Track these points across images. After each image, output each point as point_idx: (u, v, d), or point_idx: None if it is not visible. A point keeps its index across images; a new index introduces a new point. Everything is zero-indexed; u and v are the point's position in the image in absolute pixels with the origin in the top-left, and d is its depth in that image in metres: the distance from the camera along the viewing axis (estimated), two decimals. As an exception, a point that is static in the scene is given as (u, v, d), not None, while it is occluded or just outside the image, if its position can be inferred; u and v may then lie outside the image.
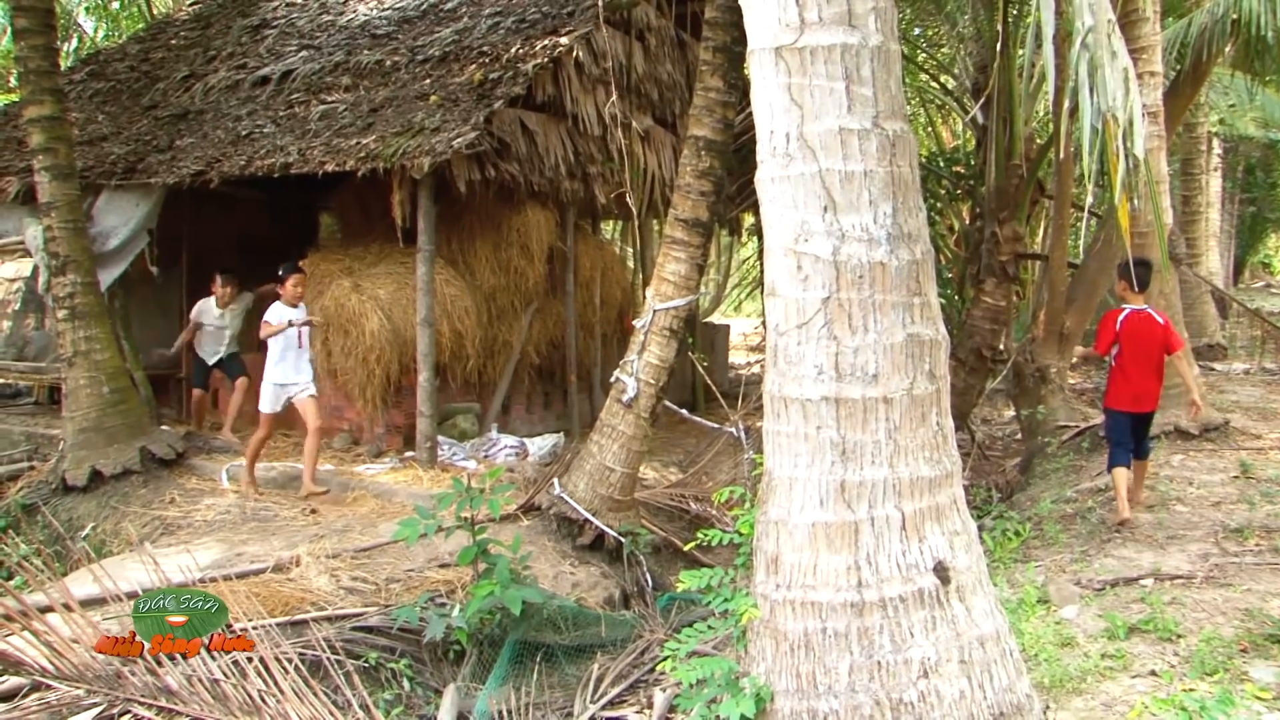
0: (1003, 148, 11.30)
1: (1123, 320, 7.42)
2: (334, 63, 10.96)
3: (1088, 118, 3.30)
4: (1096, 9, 3.26)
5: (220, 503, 8.59)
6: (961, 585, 3.17)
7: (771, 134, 3.20)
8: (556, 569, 7.50)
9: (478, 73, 9.46)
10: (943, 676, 3.08)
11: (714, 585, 3.64)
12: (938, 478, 3.19)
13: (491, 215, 10.22)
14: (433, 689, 5.77)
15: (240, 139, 10.03)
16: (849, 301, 3.08)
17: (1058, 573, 6.64)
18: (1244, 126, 19.87)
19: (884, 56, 3.15)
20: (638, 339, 7.56)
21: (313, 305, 9.78)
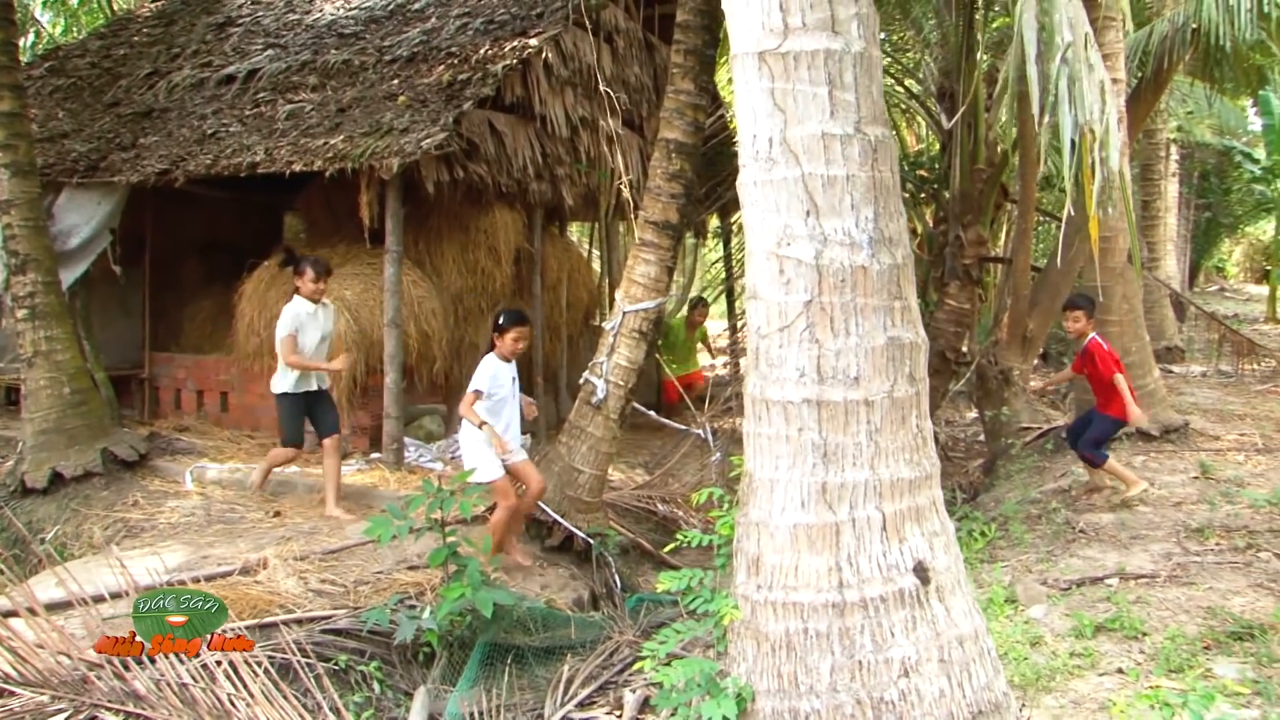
0: (967, 152, 11.41)
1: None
2: (300, 62, 10.89)
3: (1067, 131, 3.35)
4: (1075, 24, 3.31)
5: (185, 505, 8.51)
6: (941, 585, 3.21)
7: (754, 138, 3.22)
8: (526, 571, 7.50)
9: (446, 74, 9.44)
10: (923, 675, 3.11)
11: (693, 586, 3.66)
12: (918, 479, 3.22)
13: (459, 216, 10.20)
14: (403, 691, 5.74)
15: (206, 138, 9.95)
16: (831, 305, 3.11)
17: (1024, 573, 6.71)
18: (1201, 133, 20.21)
19: (866, 62, 3.19)
20: (607, 341, 7.58)
21: (279, 305, 9.71)
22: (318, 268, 7.96)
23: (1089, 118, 3.30)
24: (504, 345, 7.01)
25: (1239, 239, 35.58)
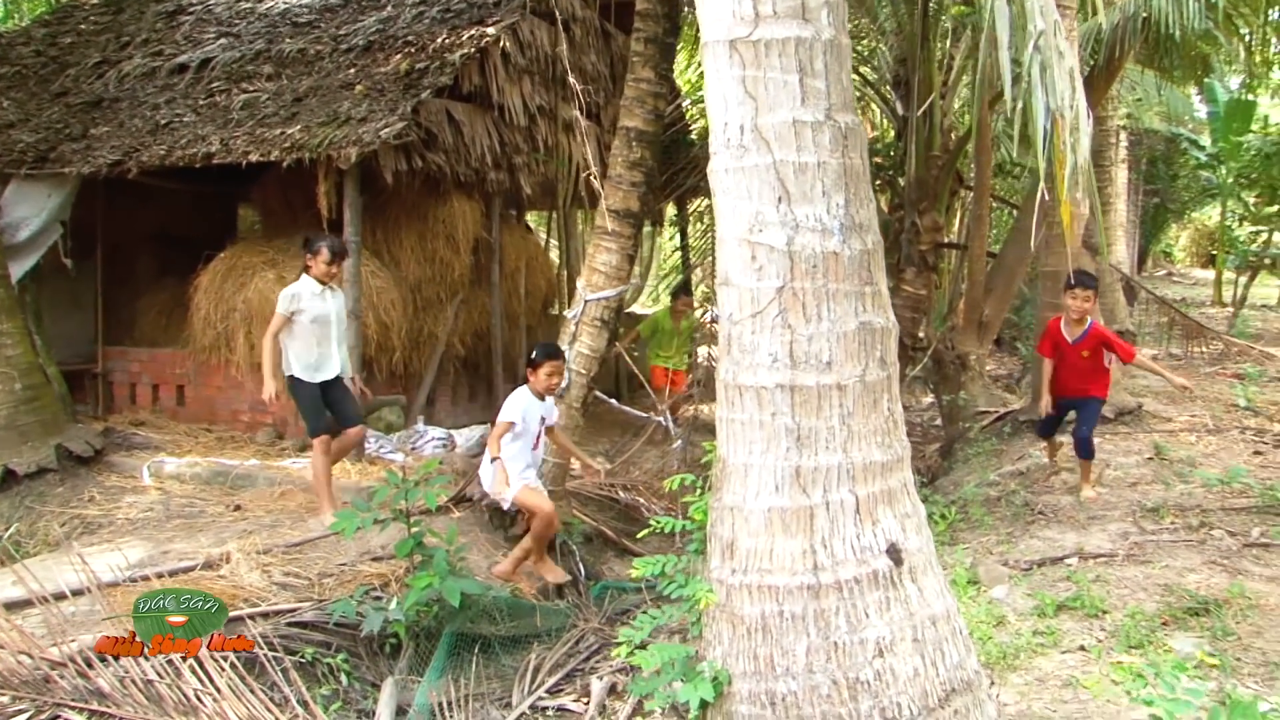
0: (922, 139, 11.51)
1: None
2: (255, 51, 10.76)
3: (1040, 117, 3.40)
4: (1045, 11, 3.35)
5: (143, 500, 8.40)
6: (913, 566, 3.25)
7: (725, 125, 3.24)
8: (490, 560, 7.49)
9: (404, 63, 9.38)
10: (897, 655, 3.16)
11: (667, 572, 3.68)
12: (889, 462, 3.26)
13: (417, 206, 10.15)
14: (370, 683, 5.73)
15: (159, 128, 9.81)
16: (803, 291, 3.14)
17: (985, 554, 6.81)
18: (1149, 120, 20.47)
19: (836, 50, 3.21)
20: (569, 329, 7.58)
21: (235, 298, 9.62)
22: (334, 248, 7.53)
23: (1060, 103, 3.35)
24: (537, 381, 6.70)
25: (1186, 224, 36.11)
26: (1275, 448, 9.19)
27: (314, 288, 7.49)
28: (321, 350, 7.57)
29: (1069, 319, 7.73)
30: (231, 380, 10.00)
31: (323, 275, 7.49)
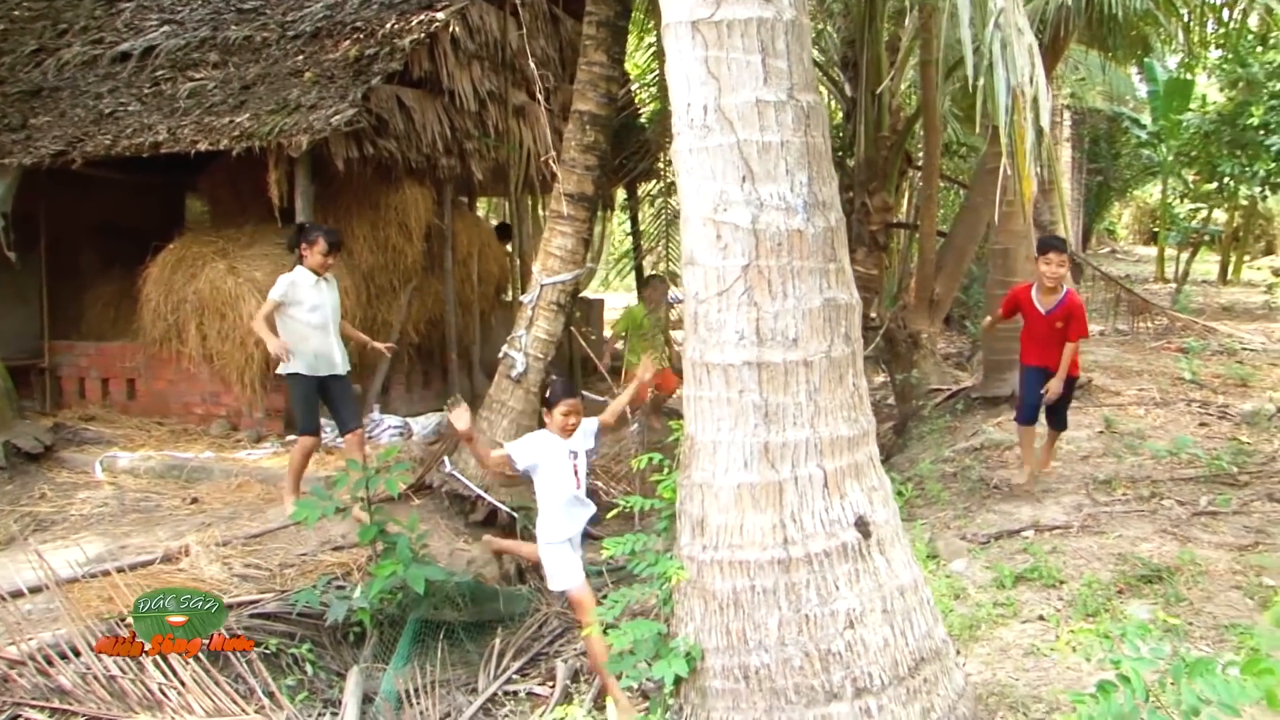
0: (871, 120, 11.60)
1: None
2: (199, 38, 10.60)
3: (1002, 94, 3.45)
4: None
5: (96, 495, 8.30)
6: (881, 538, 3.30)
7: (689, 106, 3.25)
8: (451, 546, 7.49)
9: (353, 49, 9.30)
10: (867, 626, 3.21)
11: (637, 551, 3.71)
12: (856, 436, 3.31)
13: (369, 193, 10.07)
14: (335, 672, 5.73)
15: (103, 117, 9.64)
16: (768, 268, 3.17)
17: (943, 529, 6.91)
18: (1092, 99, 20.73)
19: (797, 30, 3.24)
20: (525, 314, 7.59)
21: (185, 289, 9.50)
22: (330, 239, 7.30)
23: (1020, 79, 3.40)
24: (553, 422, 5.39)
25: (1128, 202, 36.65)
26: (1220, 419, 9.39)
27: (309, 278, 7.25)
28: (320, 343, 7.30)
29: (1042, 287, 7.17)
30: (184, 372, 9.87)
31: (319, 266, 7.25)
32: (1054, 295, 7.13)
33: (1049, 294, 7.17)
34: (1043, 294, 7.20)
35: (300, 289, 7.20)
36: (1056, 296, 7.11)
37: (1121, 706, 2.49)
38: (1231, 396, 10.35)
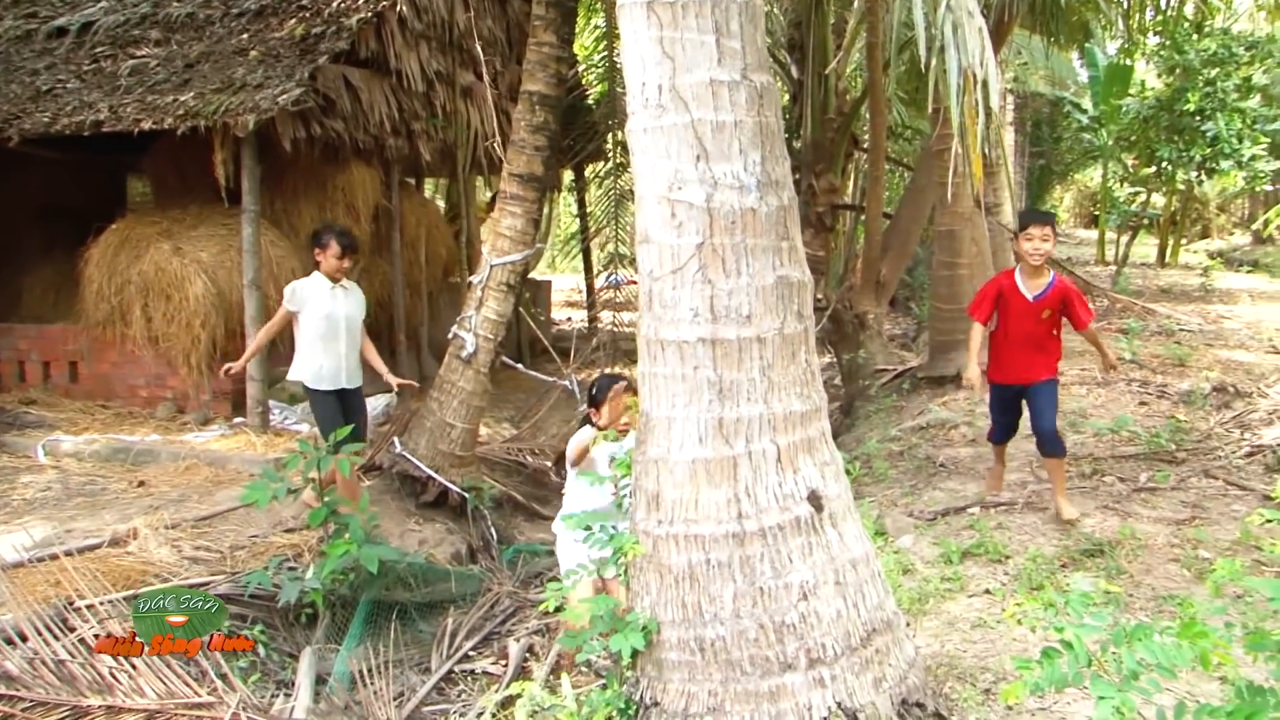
0: (818, 102, 11.69)
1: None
2: (140, 15, 10.43)
3: (953, 75, 3.52)
4: None
5: (40, 479, 8.19)
6: (833, 512, 3.36)
7: (643, 85, 3.28)
8: (402, 527, 7.50)
9: (298, 27, 9.22)
10: (820, 598, 3.27)
11: (593, 527, 3.75)
12: (808, 412, 3.36)
13: (316, 174, 10.00)
14: (287, 654, 5.74)
15: (41, 95, 9.47)
16: (722, 246, 3.21)
17: (890, 506, 7.01)
18: (1035, 84, 20.96)
19: (750, 11, 3.28)
20: (475, 295, 7.58)
21: (130, 270, 9.38)
22: (344, 241, 6.80)
23: (971, 61, 3.47)
24: (601, 417, 5.06)
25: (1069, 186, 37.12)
26: (1159, 398, 9.58)
27: (324, 285, 6.83)
28: (331, 354, 6.85)
29: (1026, 268, 6.05)
30: (128, 355, 9.76)
31: (334, 271, 6.80)
32: (1041, 278, 6.06)
33: (1036, 277, 6.06)
34: (1028, 277, 6.07)
35: (310, 295, 6.80)
36: (1044, 280, 6.06)
37: (1065, 672, 2.57)
38: (1170, 376, 10.54)
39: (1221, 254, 26.90)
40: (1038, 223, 5.97)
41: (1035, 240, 5.88)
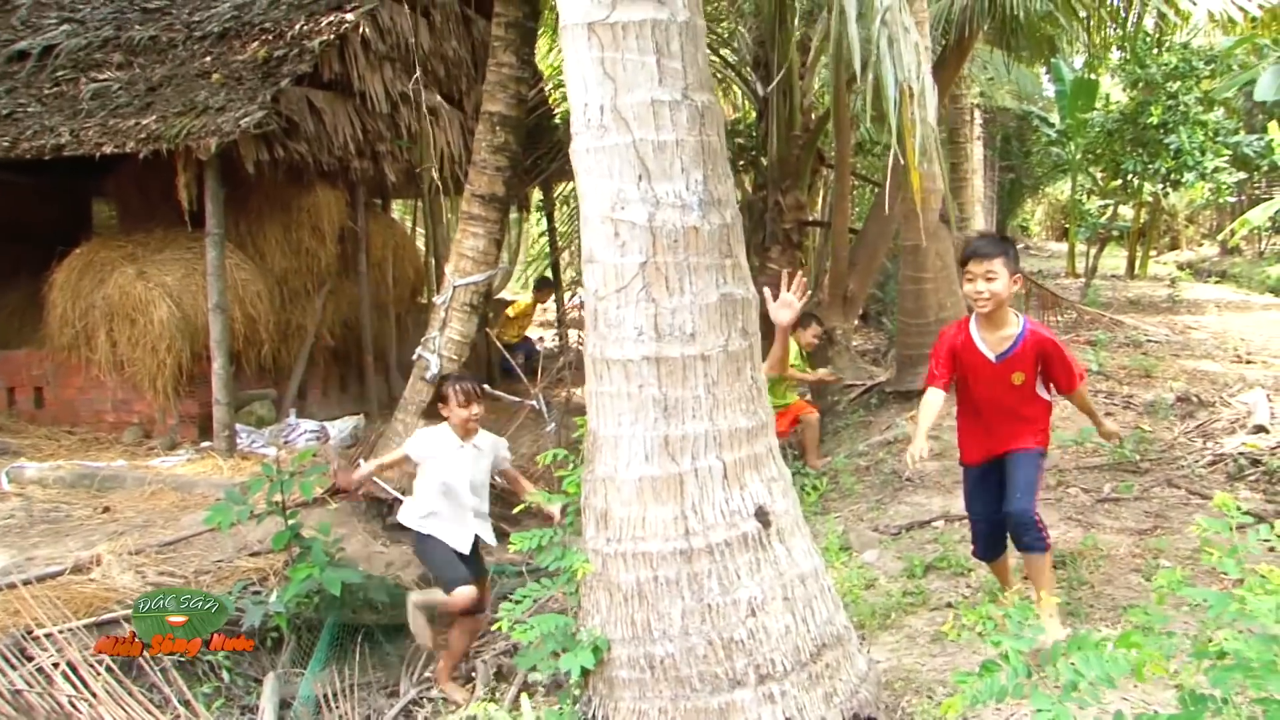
0: (783, 119, 11.75)
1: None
2: (102, 38, 10.41)
3: (890, 89, 3.55)
4: None
5: (3, 507, 8.11)
6: (781, 528, 3.38)
7: (585, 106, 3.31)
8: (369, 549, 7.45)
9: (261, 50, 9.22)
10: (769, 614, 3.28)
11: (544, 545, 3.76)
12: (754, 428, 3.38)
13: (280, 196, 9.98)
14: (252, 678, 5.70)
15: (1, 119, 9.43)
16: (665, 265, 3.23)
17: (856, 521, 7.03)
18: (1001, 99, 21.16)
19: (691, 31, 3.31)
20: (438, 316, 7.60)
21: (94, 295, 9.34)
22: (461, 387, 5.62)
23: (907, 75, 3.51)
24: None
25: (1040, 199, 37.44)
26: (1124, 409, 9.64)
27: (451, 441, 5.70)
28: (449, 516, 5.69)
29: (980, 316, 4.42)
30: (93, 380, 9.70)
31: (461, 425, 5.64)
32: (1003, 329, 4.39)
33: (994, 327, 4.39)
34: (985, 329, 4.42)
35: (432, 449, 5.73)
36: (1009, 331, 4.39)
37: (1005, 684, 2.59)
38: (1136, 387, 10.62)
39: (1190, 265, 27.20)
40: (979, 256, 4.29)
41: (977, 280, 4.28)
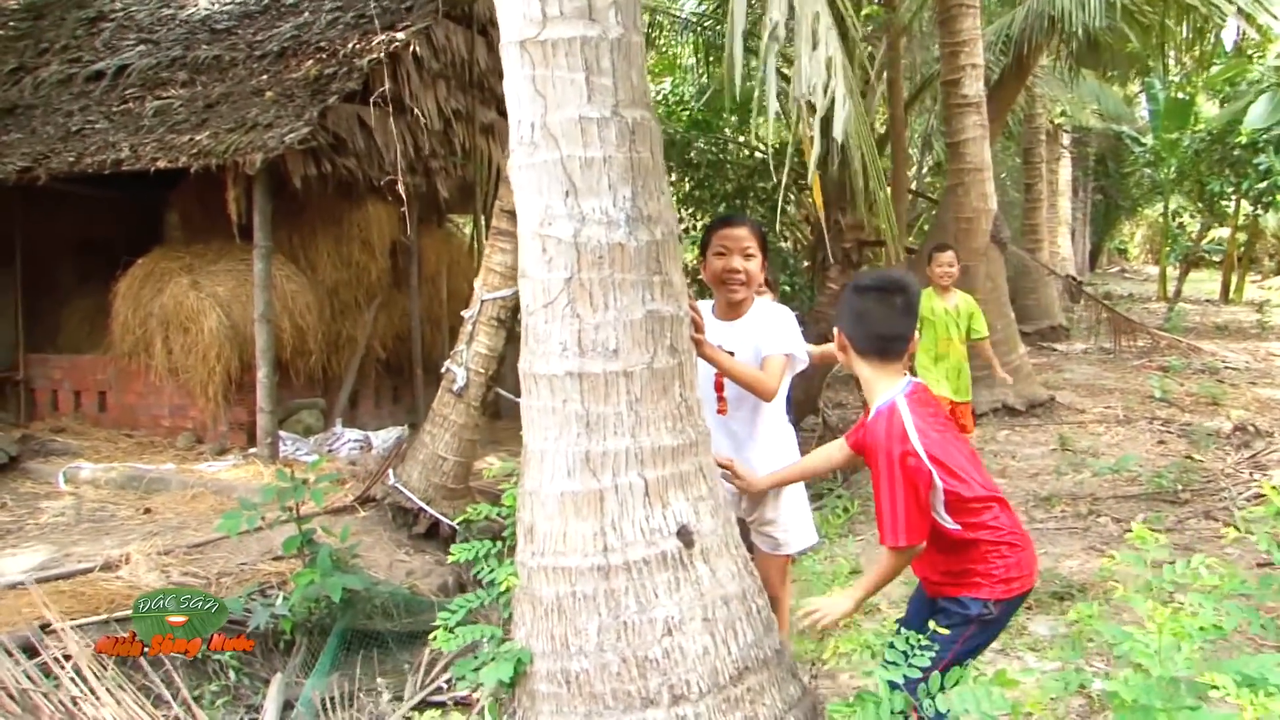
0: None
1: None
2: (171, 58, 10.80)
3: (771, 103, 3.52)
4: (803, 2, 3.46)
5: (56, 506, 8.43)
6: (706, 548, 3.35)
7: (519, 123, 3.34)
8: (392, 558, 7.56)
9: (313, 68, 9.46)
10: (686, 634, 3.25)
11: (481, 557, 3.79)
12: (681, 446, 3.36)
13: (332, 211, 10.22)
14: (262, 679, 5.81)
15: (70, 135, 9.84)
16: (590, 281, 3.24)
17: (876, 546, 6.92)
18: (1085, 119, 20.74)
19: (624, 48, 3.31)
20: (466, 329, 7.68)
21: (152, 303, 9.66)
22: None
23: (807, 90, 3.47)
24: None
25: (1139, 221, 36.49)
26: (1180, 436, 9.38)
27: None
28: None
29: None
30: (151, 386, 10.03)
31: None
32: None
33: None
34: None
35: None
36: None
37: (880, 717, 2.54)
38: (1200, 415, 10.34)
39: (1296, 290, 26.21)
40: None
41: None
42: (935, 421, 3.23)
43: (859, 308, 3.33)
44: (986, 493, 3.23)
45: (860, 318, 3.32)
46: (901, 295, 3.27)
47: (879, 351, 3.26)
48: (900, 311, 3.26)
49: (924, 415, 3.18)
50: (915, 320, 3.35)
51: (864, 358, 3.29)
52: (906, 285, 3.31)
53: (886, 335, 3.26)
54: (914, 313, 3.33)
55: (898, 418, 3.14)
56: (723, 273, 4.01)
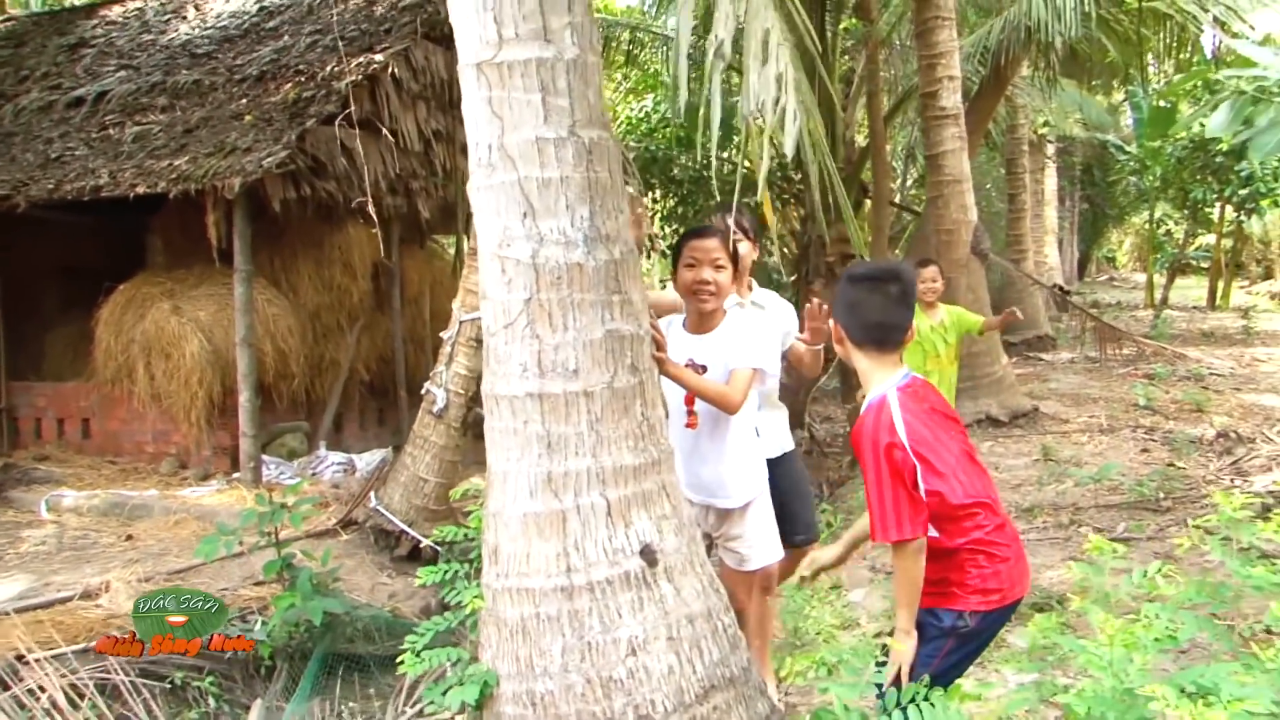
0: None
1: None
2: (151, 83, 10.82)
3: (715, 120, 3.53)
4: (754, 18, 3.48)
5: (38, 534, 8.40)
6: (669, 566, 3.34)
7: (476, 145, 3.34)
8: (374, 581, 7.53)
9: (292, 91, 9.47)
10: (651, 654, 3.25)
11: (448, 579, 3.78)
12: (643, 465, 3.35)
13: (312, 234, 10.23)
14: (243, 705, 5.78)
15: (50, 162, 9.84)
16: (549, 301, 3.24)
17: (859, 560, 6.91)
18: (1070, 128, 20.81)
19: (581, 68, 3.32)
20: (445, 350, 7.67)
21: (134, 329, 9.65)
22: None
23: (755, 107, 3.48)
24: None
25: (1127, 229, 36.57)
26: (1163, 445, 9.38)
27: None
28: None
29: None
30: (134, 412, 10.01)
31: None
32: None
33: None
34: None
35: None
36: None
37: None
38: (1183, 422, 10.33)
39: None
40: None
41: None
42: (929, 417, 3.16)
43: (853, 297, 3.28)
44: (971, 499, 3.11)
45: (855, 307, 3.27)
46: (896, 284, 3.23)
47: (875, 341, 3.21)
48: (896, 300, 3.21)
49: (916, 410, 3.13)
50: (912, 309, 3.30)
51: (860, 348, 3.24)
52: (901, 274, 3.29)
53: (883, 325, 3.22)
54: (910, 302, 3.28)
55: (886, 410, 3.10)
56: (693, 284, 4.04)
